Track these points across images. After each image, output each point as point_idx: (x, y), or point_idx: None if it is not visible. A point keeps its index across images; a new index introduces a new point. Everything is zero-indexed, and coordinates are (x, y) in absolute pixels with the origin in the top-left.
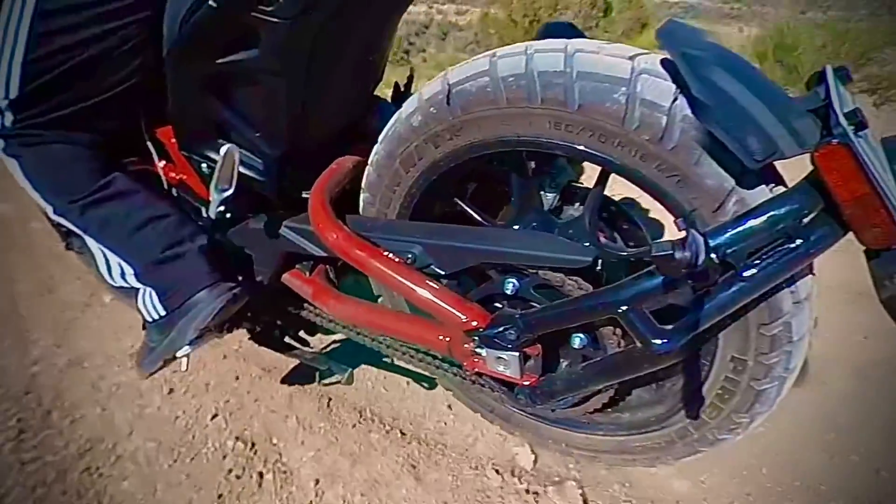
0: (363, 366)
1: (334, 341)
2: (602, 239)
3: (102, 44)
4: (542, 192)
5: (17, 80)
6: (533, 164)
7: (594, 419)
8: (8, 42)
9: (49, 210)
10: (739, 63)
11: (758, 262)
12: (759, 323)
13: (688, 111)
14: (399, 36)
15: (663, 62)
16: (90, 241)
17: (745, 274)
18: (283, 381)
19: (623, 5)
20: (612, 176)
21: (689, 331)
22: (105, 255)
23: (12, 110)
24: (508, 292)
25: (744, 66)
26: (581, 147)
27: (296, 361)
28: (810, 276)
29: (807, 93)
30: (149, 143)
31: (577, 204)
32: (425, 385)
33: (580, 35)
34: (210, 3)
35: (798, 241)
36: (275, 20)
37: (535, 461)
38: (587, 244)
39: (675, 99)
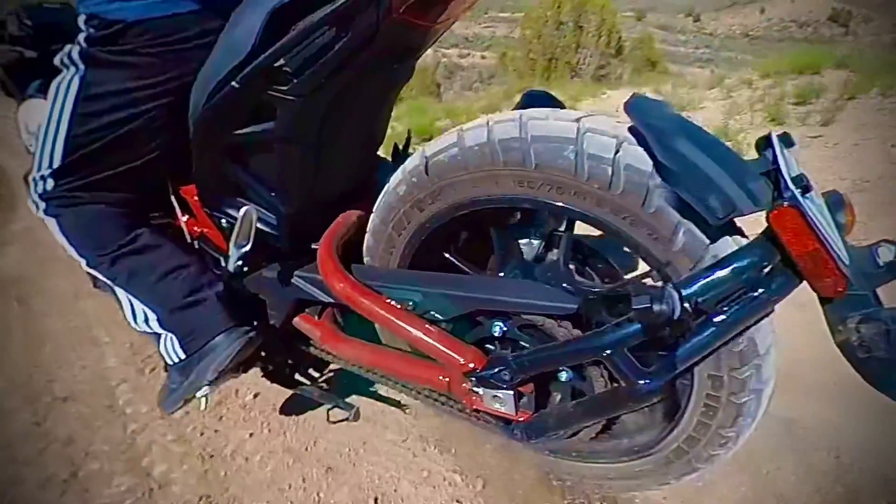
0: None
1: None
2: (578, 277)
3: (134, 123)
4: (525, 242)
5: (60, 153)
6: (519, 216)
7: (596, 448)
8: (53, 121)
9: (82, 263)
10: (699, 131)
11: (726, 308)
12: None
13: (630, 160)
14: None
15: (630, 129)
16: (118, 290)
17: (716, 319)
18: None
19: (634, 45)
20: None
21: (669, 371)
22: (131, 303)
23: (54, 178)
24: (500, 335)
25: (703, 134)
26: (543, 200)
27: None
28: None
29: (757, 157)
30: (173, 200)
31: (556, 250)
32: None
33: (558, 103)
34: (233, 84)
35: (760, 290)
36: (289, 98)
37: None
38: (569, 290)
39: (618, 151)
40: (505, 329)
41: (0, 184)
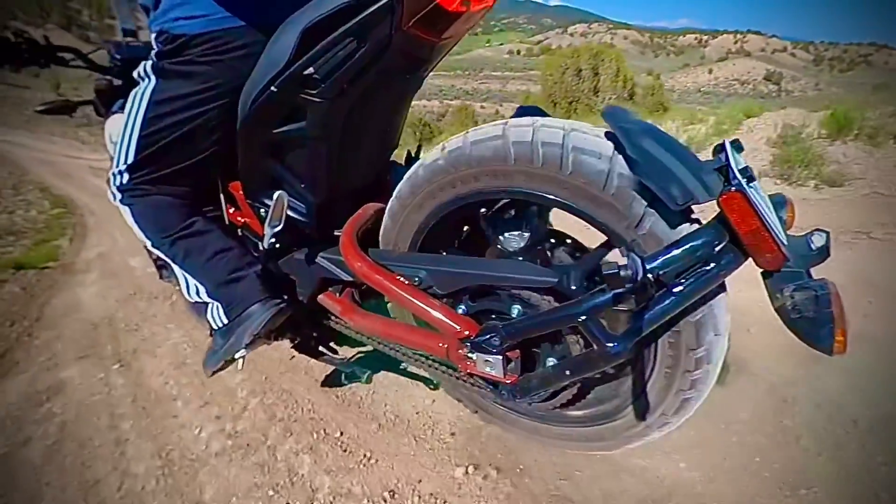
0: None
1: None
2: (556, 258)
3: (193, 123)
4: (515, 231)
5: (133, 151)
6: (513, 212)
7: (566, 414)
8: (129, 125)
9: (148, 244)
10: (661, 134)
11: (683, 280)
12: (685, 321)
13: (613, 160)
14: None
15: (606, 134)
16: (175, 268)
17: (675, 290)
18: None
19: (647, 92)
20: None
21: (635, 335)
22: (186, 278)
23: (128, 172)
24: (493, 308)
25: (665, 136)
26: (537, 193)
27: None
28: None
29: (712, 157)
30: (222, 195)
31: (540, 236)
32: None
33: (545, 115)
34: (272, 88)
35: (712, 265)
36: (317, 100)
37: None
38: (549, 267)
39: (600, 151)
40: (500, 303)
41: (71, 214)
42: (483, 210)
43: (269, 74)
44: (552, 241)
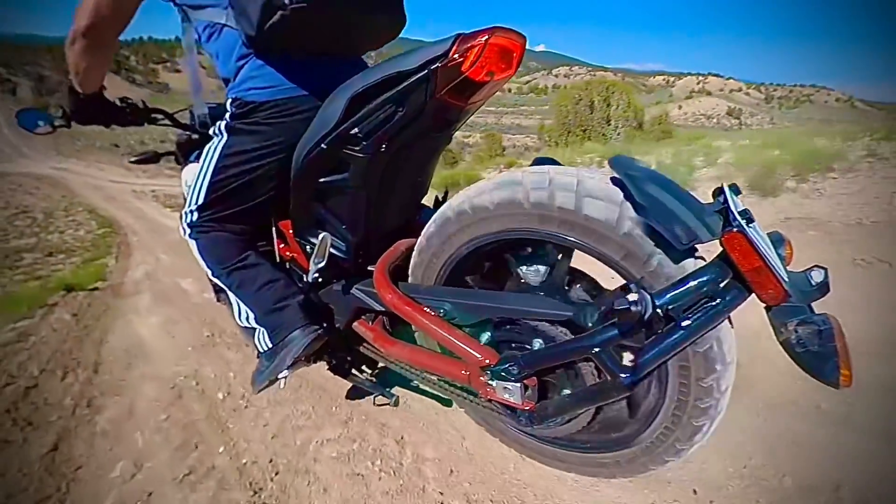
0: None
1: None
2: (571, 293)
3: (255, 173)
4: (533, 267)
5: (203, 195)
6: (529, 250)
7: (583, 439)
8: (202, 172)
9: (209, 273)
10: (665, 179)
11: (691, 315)
12: (696, 350)
13: (622, 204)
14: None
15: (613, 180)
16: (231, 295)
17: (683, 324)
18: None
19: (654, 123)
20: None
21: (646, 367)
22: (238, 305)
23: (198, 212)
24: (513, 339)
25: (669, 182)
26: (554, 235)
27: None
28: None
29: (712, 200)
30: (274, 232)
31: (556, 272)
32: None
33: (557, 164)
34: (322, 146)
35: (718, 300)
36: (359, 155)
37: None
38: (565, 301)
39: (609, 196)
40: (520, 334)
41: (116, 233)
42: (503, 248)
43: (320, 134)
44: (571, 277)
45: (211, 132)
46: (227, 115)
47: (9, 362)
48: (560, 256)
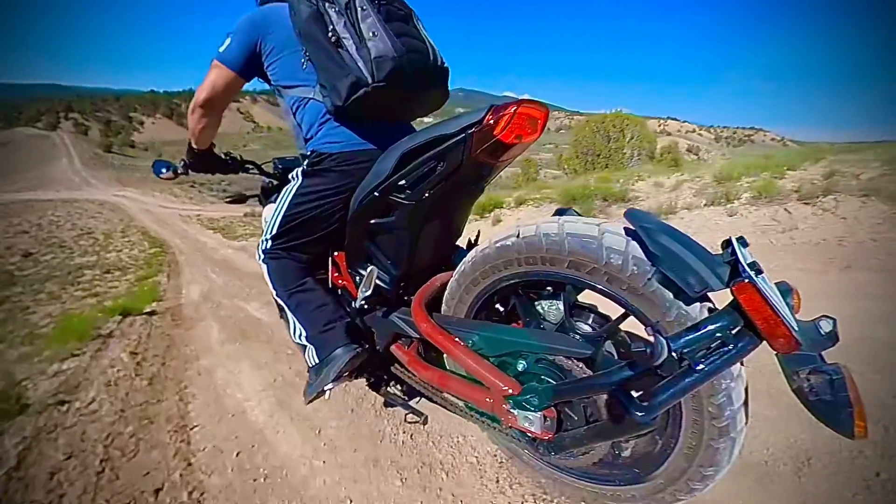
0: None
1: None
2: (588, 329)
3: (319, 211)
4: (555, 305)
5: (276, 227)
6: (550, 289)
7: (604, 472)
8: (278, 209)
9: (274, 293)
10: (676, 231)
11: (705, 359)
12: (708, 395)
13: (638, 253)
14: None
15: (626, 231)
16: (289, 314)
17: (698, 367)
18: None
19: (664, 153)
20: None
21: (661, 406)
22: (294, 323)
23: (271, 241)
24: (535, 371)
25: (679, 233)
26: (575, 278)
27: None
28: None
29: (722, 251)
30: (330, 262)
31: (575, 311)
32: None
33: (577, 215)
34: (375, 193)
35: (730, 346)
36: (404, 202)
37: None
38: (585, 339)
39: (628, 246)
40: (541, 367)
41: (165, 253)
42: (527, 286)
43: (374, 183)
44: (580, 310)
45: (290, 177)
46: (305, 163)
47: (46, 445)
48: (573, 294)
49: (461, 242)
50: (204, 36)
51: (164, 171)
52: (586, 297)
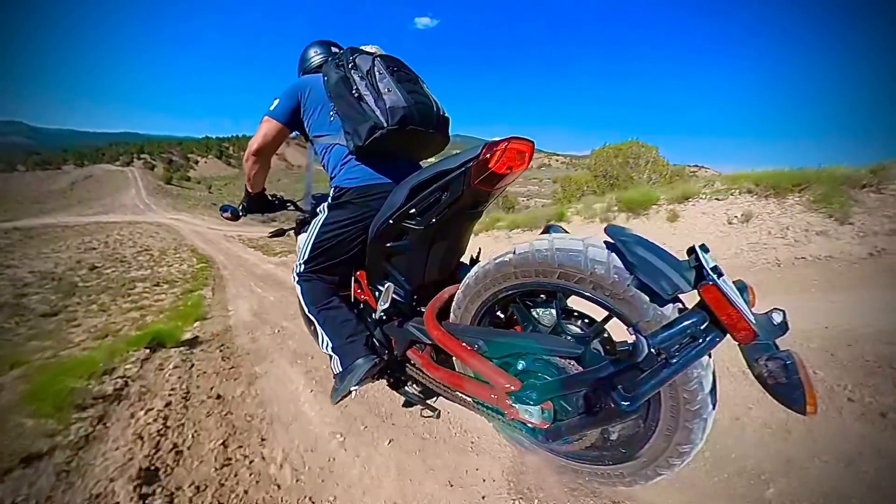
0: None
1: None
2: (577, 331)
3: (343, 237)
4: (548, 311)
5: (308, 252)
6: (543, 297)
7: (595, 454)
8: (309, 235)
9: (305, 309)
10: (650, 242)
11: (679, 353)
12: (683, 383)
13: (618, 263)
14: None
15: (607, 244)
16: (318, 327)
17: (673, 361)
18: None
19: (676, 177)
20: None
21: (643, 396)
22: (322, 336)
23: (304, 265)
24: (533, 370)
25: (654, 245)
26: (565, 287)
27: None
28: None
29: (688, 258)
30: (353, 281)
31: (570, 317)
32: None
33: (564, 231)
34: (390, 220)
35: (700, 340)
36: (415, 227)
37: None
38: (575, 340)
39: (609, 257)
40: (539, 365)
41: (210, 268)
42: (522, 296)
43: (389, 212)
44: (570, 315)
45: (318, 210)
46: (330, 198)
47: None
48: (563, 298)
49: (465, 259)
50: (248, 96)
51: (224, 212)
52: (577, 304)
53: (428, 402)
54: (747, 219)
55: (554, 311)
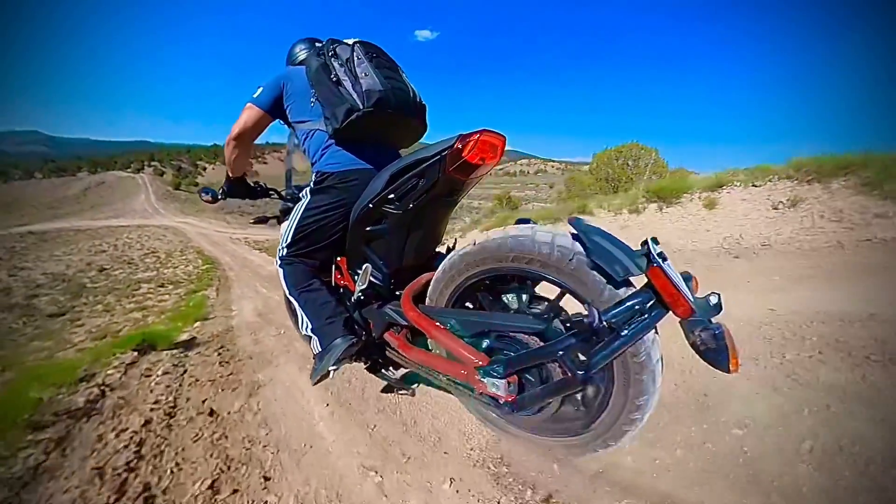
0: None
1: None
2: (536, 309)
3: (324, 222)
4: (513, 294)
5: (290, 237)
6: (515, 283)
7: (561, 427)
8: (291, 220)
9: (286, 292)
10: (608, 233)
11: (628, 326)
12: (632, 356)
13: (579, 250)
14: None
15: (572, 235)
16: (298, 309)
17: (623, 333)
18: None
19: (675, 179)
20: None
21: (597, 365)
22: (302, 317)
23: (286, 248)
24: (499, 346)
25: (610, 235)
26: (534, 272)
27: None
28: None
29: (640, 246)
30: (334, 266)
31: (535, 300)
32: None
33: (534, 223)
34: (369, 205)
35: (645, 316)
36: (393, 212)
37: None
38: (537, 317)
39: (573, 245)
40: (505, 342)
41: (216, 269)
42: (495, 280)
43: (369, 197)
44: (536, 299)
45: (300, 195)
46: (311, 183)
47: None
48: (532, 285)
49: (441, 249)
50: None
51: (204, 195)
52: (545, 290)
53: (404, 382)
54: (794, 203)
55: (523, 296)
